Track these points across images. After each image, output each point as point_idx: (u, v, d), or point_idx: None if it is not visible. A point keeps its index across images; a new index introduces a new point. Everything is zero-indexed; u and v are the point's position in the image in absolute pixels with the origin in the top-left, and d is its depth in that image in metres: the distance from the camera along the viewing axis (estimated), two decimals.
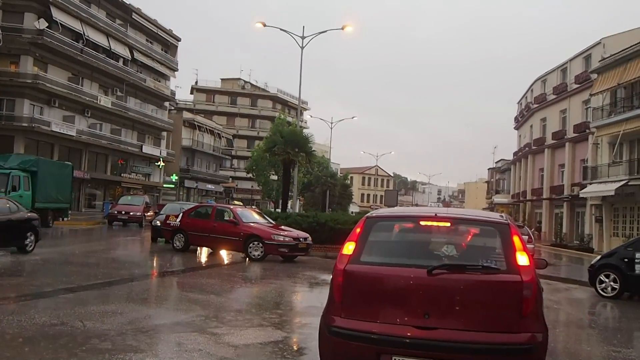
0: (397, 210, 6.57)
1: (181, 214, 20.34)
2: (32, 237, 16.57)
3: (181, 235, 19.66)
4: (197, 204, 32.84)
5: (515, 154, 67.53)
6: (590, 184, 39.20)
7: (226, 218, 19.24)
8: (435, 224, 5.53)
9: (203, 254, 19.90)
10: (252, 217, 19.99)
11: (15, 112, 43.82)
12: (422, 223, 5.60)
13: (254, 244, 18.13)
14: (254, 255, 18.00)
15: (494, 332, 4.80)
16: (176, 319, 8.61)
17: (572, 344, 9.03)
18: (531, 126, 59.20)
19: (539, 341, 4.84)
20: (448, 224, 5.50)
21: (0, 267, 13.72)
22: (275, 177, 63.67)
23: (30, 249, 16.50)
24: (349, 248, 5.38)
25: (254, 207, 42.82)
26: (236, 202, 57.71)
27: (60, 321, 7.73)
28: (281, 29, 37.72)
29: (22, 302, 9.12)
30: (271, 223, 20.17)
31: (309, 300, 11.94)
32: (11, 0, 41.15)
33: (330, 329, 5.10)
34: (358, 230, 5.49)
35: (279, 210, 34.20)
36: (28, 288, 10.63)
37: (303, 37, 37.15)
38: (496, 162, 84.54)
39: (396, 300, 5.00)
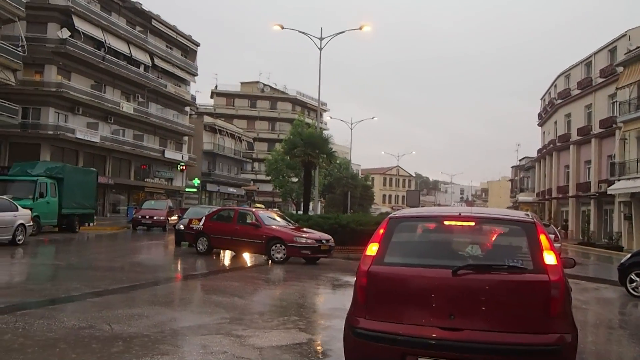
0: (420, 211, 6.53)
1: (204, 218, 20.45)
2: None
3: (204, 238, 19.77)
4: (219, 207, 33.01)
5: (539, 151, 66.67)
6: (618, 180, 38.52)
7: (248, 221, 19.30)
8: (459, 223, 5.49)
9: (226, 256, 20.01)
10: (274, 219, 20.05)
11: (41, 120, 44.48)
12: (446, 223, 5.56)
13: (276, 246, 18.18)
14: (276, 258, 18.04)
15: (521, 332, 4.73)
16: (201, 321, 8.66)
17: (602, 344, 8.91)
18: (555, 122, 58.34)
19: (568, 342, 4.76)
20: (472, 224, 5.46)
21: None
22: (295, 179, 63.75)
23: None
24: (372, 249, 5.36)
25: (275, 209, 42.92)
26: (258, 205, 57.88)
27: (88, 324, 7.82)
28: (299, 31, 37.81)
29: (52, 306, 9.23)
30: (293, 225, 20.21)
31: (332, 302, 11.94)
32: (35, 11, 41.70)
33: (354, 330, 5.09)
34: (381, 231, 5.47)
35: (300, 212, 34.27)
36: (56, 292, 10.77)
37: (321, 39, 37.16)
38: (520, 160, 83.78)
39: (421, 301, 4.96)
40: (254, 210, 20.97)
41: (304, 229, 19.77)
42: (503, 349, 4.66)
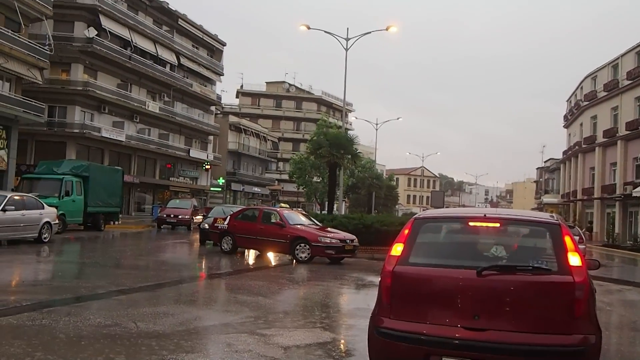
0: (445, 211, 6.54)
1: (228, 217, 20.54)
2: None
3: (229, 237, 19.87)
4: (243, 206, 33.16)
5: (564, 152, 66.18)
6: None
7: (273, 220, 19.35)
8: (484, 224, 5.48)
9: (250, 256, 20.09)
10: (298, 219, 20.08)
11: (67, 119, 45.02)
12: (471, 224, 5.57)
13: (300, 246, 18.21)
14: (300, 257, 18.07)
15: (545, 333, 4.72)
16: (225, 320, 8.73)
17: (626, 346, 8.80)
18: (581, 124, 57.90)
19: (592, 343, 4.74)
20: (497, 225, 5.45)
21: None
22: (319, 180, 63.82)
23: None
24: (397, 249, 5.37)
25: (299, 209, 42.99)
26: (283, 205, 58.04)
27: (114, 322, 7.92)
28: (325, 32, 37.85)
29: (77, 303, 9.37)
30: (317, 225, 20.22)
31: (356, 301, 11.94)
32: (62, 10, 42.21)
33: (379, 330, 5.11)
34: (406, 231, 5.48)
35: (324, 212, 34.30)
36: (81, 290, 10.93)
37: (347, 39, 37.15)
38: (545, 162, 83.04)
39: (445, 301, 4.98)
40: (278, 209, 21.03)
41: (329, 229, 19.78)
42: (527, 350, 4.66)
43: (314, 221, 20.76)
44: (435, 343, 4.84)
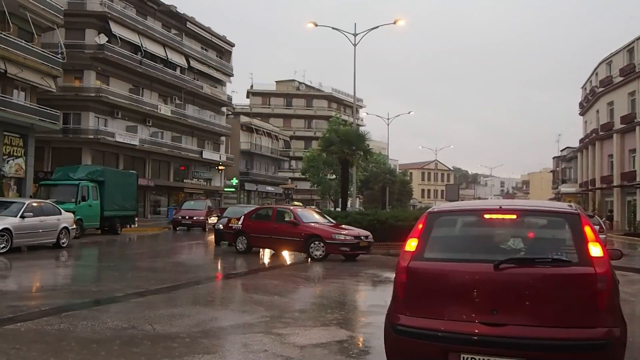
0: (459, 204, 6.42)
1: (242, 217, 20.54)
2: None
3: (243, 237, 19.88)
4: (256, 206, 33.16)
5: (581, 141, 65.23)
6: None
7: (287, 219, 19.33)
8: (500, 216, 5.35)
9: (265, 255, 20.08)
10: (312, 217, 20.03)
11: (82, 125, 45.39)
12: (487, 216, 5.44)
13: (315, 243, 18.16)
14: (315, 255, 18.03)
15: (567, 327, 4.56)
16: (241, 320, 8.69)
17: None
18: (597, 111, 56.98)
19: (617, 336, 4.58)
20: (514, 217, 5.33)
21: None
22: (332, 177, 63.70)
23: None
24: (411, 245, 5.27)
25: (313, 207, 42.94)
26: (296, 203, 58.01)
27: (131, 325, 7.92)
28: (333, 28, 37.79)
29: (95, 307, 9.40)
30: (332, 222, 20.16)
31: (372, 298, 11.87)
32: (73, 18, 42.45)
33: (395, 327, 5.01)
34: (420, 226, 5.37)
35: (338, 209, 34.20)
36: (99, 293, 10.96)
37: (355, 35, 37.04)
38: (561, 151, 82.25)
39: (462, 296, 4.85)
40: (291, 208, 21.01)
41: (343, 226, 19.71)
42: (548, 345, 4.53)
43: (327, 219, 20.70)
44: (452, 339, 4.72)
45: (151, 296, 10.74)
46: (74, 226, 21.20)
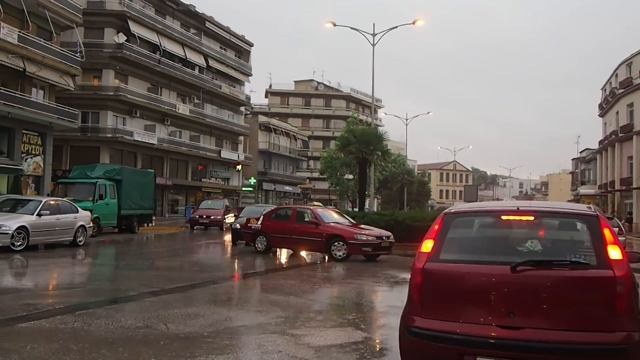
0: (476, 205, 6.32)
1: (262, 217, 20.48)
2: None
3: (262, 237, 19.76)
4: (275, 206, 33.16)
5: (600, 142, 64.83)
6: None
7: (307, 219, 19.21)
8: (517, 218, 5.27)
9: (283, 255, 20.05)
10: (332, 217, 19.95)
11: (100, 123, 45.80)
12: (504, 218, 5.36)
13: (336, 244, 18.02)
14: (336, 256, 17.88)
15: (585, 331, 4.47)
16: (256, 320, 8.65)
17: None
18: (617, 112, 56.61)
19: (636, 340, 4.44)
20: (531, 218, 5.25)
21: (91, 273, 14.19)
22: (350, 177, 63.58)
23: None
24: (427, 246, 5.20)
25: (331, 207, 42.83)
26: (316, 203, 57.89)
27: (145, 324, 7.91)
28: (352, 28, 37.70)
29: (110, 306, 9.41)
30: (351, 222, 20.06)
31: (389, 299, 11.75)
32: (92, 17, 42.88)
33: (410, 329, 4.94)
34: (436, 227, 5.30)
35: (356, 209, 34.09)
36: (114, 292, 10.99)
37: (374, 35, 36.92)
38: (580, 152, 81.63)
39: (478, 299, 4.77)
40: (311, 208, 20.92)
41: (362, 226, 19.61)
42: (566, 348, 4.43)
43: (347, 218, 20.59)
44: (468, 342, 4.64)
45: (166, 295, 10.73)
46: (91, 224, 21.31)
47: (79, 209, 20.47)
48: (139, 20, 48.20)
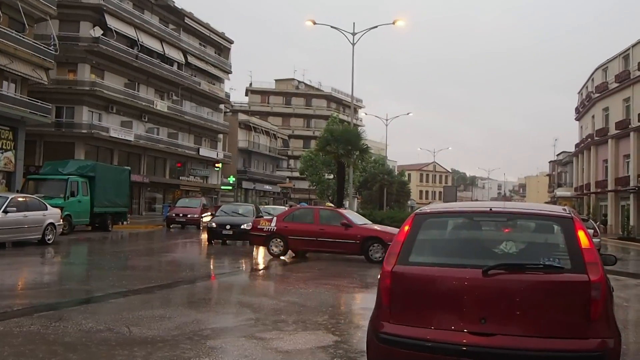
0: (448, 206, 6.13)
1: (274, 219, 19.36)
2: None
3: (278, 240, 18.74)
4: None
5: (577, 145, 65.67)
6: None
7: (336, 221, 18.39)
8: (490, 219, 5.16)
9: (259, 254, 19.70)
10: (360, 218, 19.75)
11: (75, 119, 44.91)
12: (476, 219, 5.24)
13: (374, 246, 17.51)
14: (375, 258, 17.22)
15: (559, 338, 4.35)
16: (225, 323, 8.37)
17: None
18: (593, 116, 57.45)
19: (611, 347, 4.35)
20: (504, 220, 5.13)
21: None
22: (330, 176, 63.31)
23: None
24: (396, 248, 5.01)
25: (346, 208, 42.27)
26: (328, 204, 56.21)
27: (106, 327, 7.58)
28: (331, 26, 37.52)
29: (72, 307, 9.05)
30: (368, 222, 19.80)
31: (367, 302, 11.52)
32: (67, 10, 42.11)
33: (378, 335, 4.77)
34: (406, 228, 5.12)
35: None
36: (79, 293, 10.62)
37: (354, 34, 36.77)
38: (557, 155, 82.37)
39: (449, 303, 4.62)
40: (339, 210, 20.37)
41: (381, 226, 19.45)
42: (538, 356, 4.31)
43: (365, 220, 20.26)
44: (439, 349, 4.49)
45: (134, 296, 10.38)
46: (61, 222, 20.70)
47: (48, 206, 19.87)
48: (116, 14, 47.43)
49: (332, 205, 50.37)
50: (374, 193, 70.20)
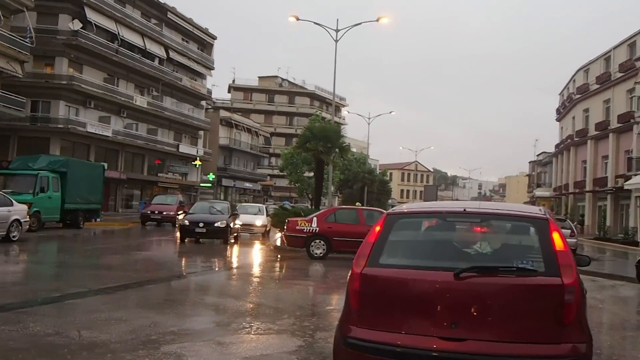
0: (421, 206, 5.89)
1: (314, 219, 18.60)
2: None
3: (321, 241, 18.10)
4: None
5: (557, 146, 66.23)
6: (635, 175, 38.14)
7: None
8: (464, 220, 4.98)
9: (233, 253, 19.22)
10: None
11: (51, 113, 44.02)
12: (450, 220, 5.04)
13: None
14: None
15: (531, 343, 4.22)
16: (184, 326, 7.87)
17: (618, 349, 8.08)
18: (573, 117, 57.99)
19: (582, 352, 4.24)
20: (478, 220, 4.93)
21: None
22: (311, 174, 62.89)
23: None
24: (366, 249, 4.82)
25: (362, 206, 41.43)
26: (358, 204, 55.16)
27: (56, 330, 7.11)
28: (315, 23, 36.98)
29: (23, 309, 8.51)
30: None
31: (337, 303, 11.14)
32: (45, 2, 41.24)
33: (346, 340, 4.58)
34: (377, 228, 4.94)
35: (313, 207, 33.48)
36: (33, 294, 10.05)
37: (337, 30, 36.32)
38: (537, 155, 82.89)
39: (420, 307, 4.43)
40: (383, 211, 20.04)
41: None
42: None
43: None
44: (407, 355, 4.31)
45: (93, 297, 9.91)
46: (27, 219, 19.89)
47: (14, 201, 19.10)
48: (96, 8, 46.57)
49: (359, 204, 49.72)
50: (355, 192, 69.94)
